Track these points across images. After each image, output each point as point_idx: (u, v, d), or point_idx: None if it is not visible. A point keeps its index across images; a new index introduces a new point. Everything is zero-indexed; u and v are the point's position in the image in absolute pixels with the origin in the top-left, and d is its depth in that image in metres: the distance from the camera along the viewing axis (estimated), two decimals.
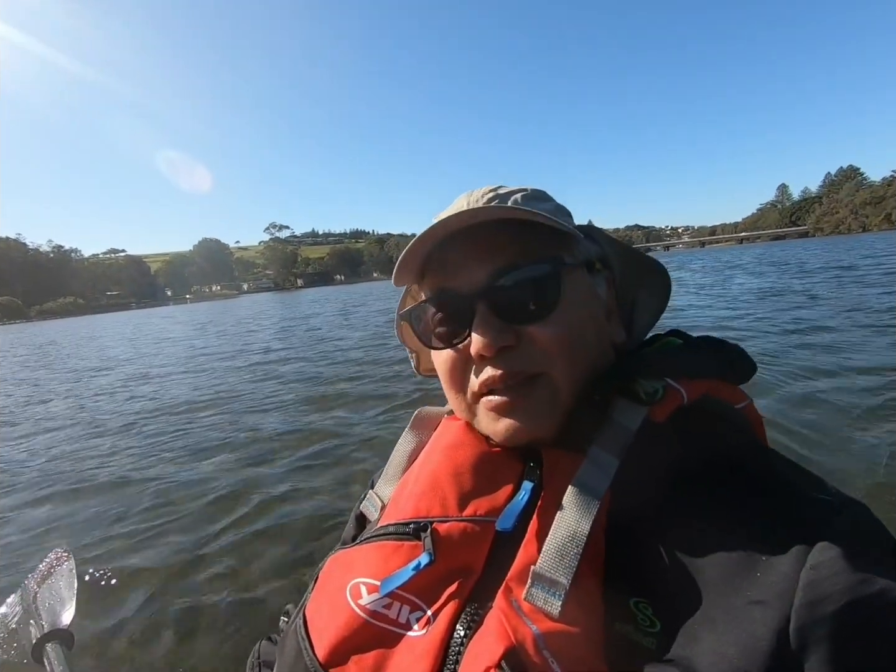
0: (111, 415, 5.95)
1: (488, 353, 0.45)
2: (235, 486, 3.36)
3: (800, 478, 0.42)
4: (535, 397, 0.46)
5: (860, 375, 4.19)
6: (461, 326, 0.49)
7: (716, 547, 0.38)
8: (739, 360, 0.51)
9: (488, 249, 0.48)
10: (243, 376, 7.55)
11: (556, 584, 0.38)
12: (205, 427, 4.90)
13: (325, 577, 0.51)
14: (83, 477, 3.82)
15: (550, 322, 0.46)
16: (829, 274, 14.61)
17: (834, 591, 0.32)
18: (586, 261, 0.52)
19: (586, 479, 0.42)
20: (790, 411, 3.55)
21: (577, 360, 0.47)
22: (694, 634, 0.35)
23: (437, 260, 0.50)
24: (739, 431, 0.49)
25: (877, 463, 2.65)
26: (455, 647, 0.39)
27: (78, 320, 71.30)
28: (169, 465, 3.90)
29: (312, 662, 0.43)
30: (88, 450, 4.58)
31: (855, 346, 5.24)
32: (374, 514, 0.58)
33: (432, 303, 0.51)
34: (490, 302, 0.47)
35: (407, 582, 0.43)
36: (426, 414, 0.64)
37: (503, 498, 0.46)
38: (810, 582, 0.33)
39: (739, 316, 8.39)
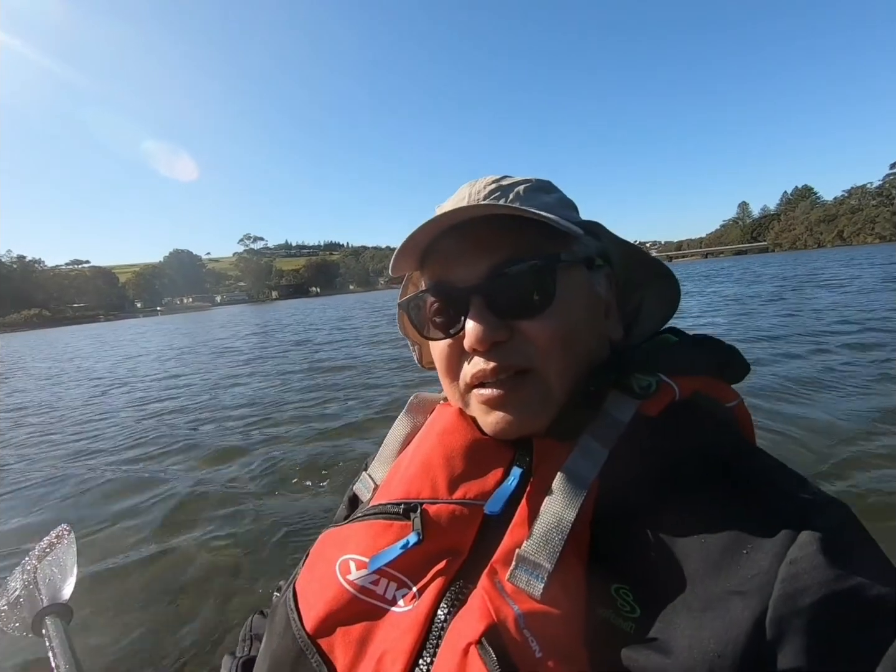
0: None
1: (481, 346, 0.46)
2: (229, 474, 3.53)
3: (784, 476, 0.43)
4: (526, 392, 0.47)
5: (851, 380, 4.32)
6: (457, 319, 0.50)
7: (698, 538, 0.38)
8: (733, 360, 0.52)
9: (486, 244, 0.48)
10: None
11: (539, 567, 0.39)
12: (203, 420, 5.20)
13: (315, 553, 0.52)
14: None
15: (544, 318, 0.47)
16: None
17: (811, 584, 0.33)
18: (586, 257, 0.52)
19: (575, 468, 0.43)
20: (779, 412, 3.66)
21: (570, 356, 0.48)
22: (672, 620, 0.36)
23: (436, 251, 0.51)
24: (728, 429, 0.50)
25: (861, 464, 2.75)
26: (439, 623, 0.41)
27: (43, 333, 68.46)
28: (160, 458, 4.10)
29: (300, 633, 0.44)
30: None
31: (846, 354, 5.37)
32: (367, 495, 0.59)
33: (430, 293, 0.52)
34: (485, 296, 0.47)
35: (395, 560, 0.44)
36: (422, 399, 0.64)
37: (493, 483, 0.47)
38: (789, 575, 0.34)
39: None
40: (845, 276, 16.76)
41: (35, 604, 0.72)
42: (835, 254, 49.81)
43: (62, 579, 0.77)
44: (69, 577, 0.78)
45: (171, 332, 28.26)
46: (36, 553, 0.82)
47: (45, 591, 0.74)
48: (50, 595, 0.74)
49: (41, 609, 0.71)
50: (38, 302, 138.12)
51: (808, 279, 17.73)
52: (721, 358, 0.52)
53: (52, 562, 0.80)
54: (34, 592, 0.74)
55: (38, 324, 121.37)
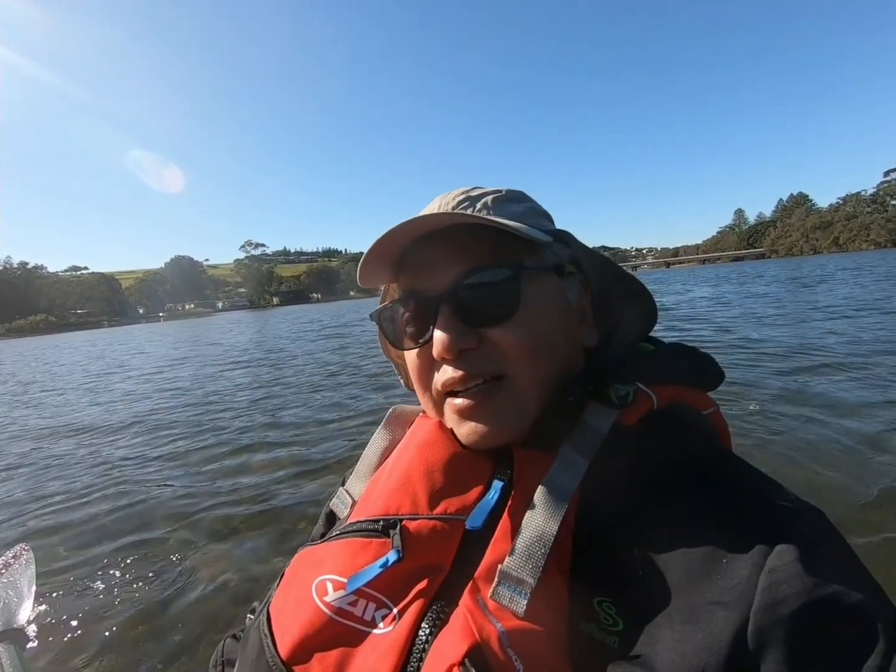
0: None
1: (448, 354, 0.46)
2: (202, 487, 3.45)
3: (761, 484, 0.43)
4: (498, 400, 0.47)
5: (832, 385, 4.33)
6: (426, 327, 0.49)
7: (679, 549, 0.38)
8: (709, 368, 0.53)
9: (454, 253, 0.48)
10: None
11: (522, 582, 0.38)
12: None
13: (291, 573, 0.50)
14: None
15: (511, 325, 0.47)
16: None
17: (790, 594, 0.33)
18: (556, 265, 0.52)
19: (556, 480, 0.43)
20: (755, 420, 3.67)
21: (540, 363, 0.47)
22: (655, 633, 0.36)
23: (407, 261, 0.51)
24: (706, 437, 0.50)
25: (837, 471, 2.77)
26: (420, 644, 0.40)
27: (50, 338, 68.84)
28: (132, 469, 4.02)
29: (274, 660, 0.43)
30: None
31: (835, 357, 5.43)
32: (344, 512, 0.58)
33: (402, 303, 0.52)
34: (452, 304, 0.47)
35: (374, 579, 0.42)
36: (400, 412, 0.63)
37: (473, 497, 0.46)
38: (768, 585, 0.34)
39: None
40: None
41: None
42: (839, 259, 49.54)
43: (17, 603, 0.72)
44: (25, 600, 0.73)
45: (191, 335, 28.30)
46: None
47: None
48: (3, 619, 0.69)
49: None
50: (42, 308, 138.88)
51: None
52: (697, 366, 0.52)
53: (7, 584, 0.74)
54: None
55: (45, 329, 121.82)
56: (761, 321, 9.29)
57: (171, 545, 2.71)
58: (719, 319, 10.26)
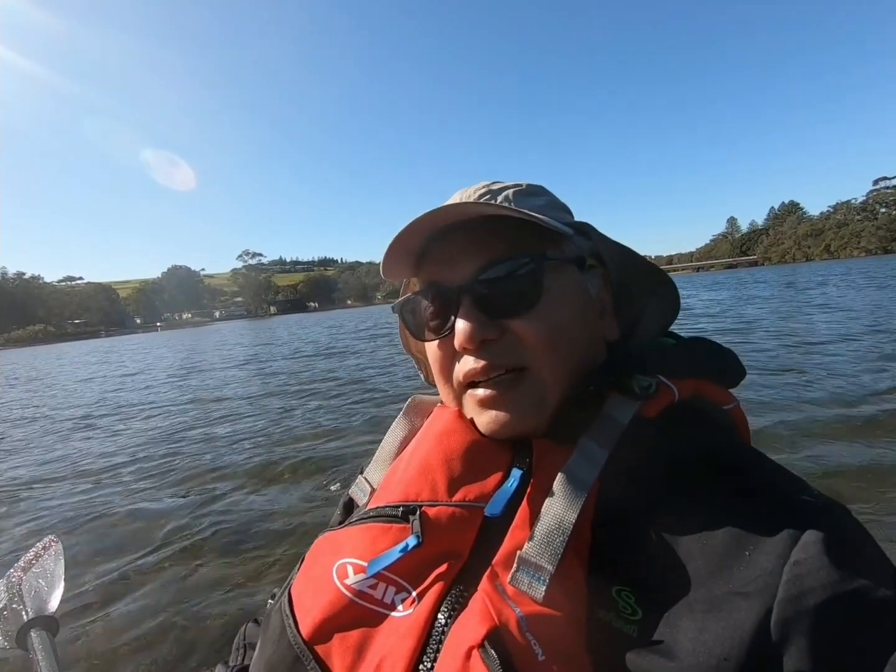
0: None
1: (470, 345, 0.47)
2: (224, 479, 3.54)
3: (784, 478, 0.43)
4: (520, 392, 0.47)
5: (850, 387, 4.31)
6: (448, 319, 0.50)
7: (699, 539, 0.39)
8: (730, 363, 0.53)
9: (476, 245, 0.49)
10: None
11: (541, 569, 0.39)
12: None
13: (311, 557, 0.51)
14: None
15: (532, 316, 0.47)
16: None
17: (816, 586, 0.33)
18: (577, 257, 0.52)
19: (575, 469, 0.43)
20: (775, 415, 3.67)
21: (562, 354, 0.48)
22: (675, 623, 0.36)
23: (429, 254, 0.52)
24: (727, 431, 0.51)
25: (859, 469, 2.74)
26: (439, 627, 0.40)
27: (51, 348, 68.60)
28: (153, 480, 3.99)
29: (296, 639, 0.44)
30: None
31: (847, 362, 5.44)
32: (363, 499, 0.59)
33: (423, 295, 0.53)
34: (474, 296, 0.48)
35: (394, 563, 0.43)
36: (419, 402, 0.64)
37: (492, 484, 0.46)
38: (793, 576, 0.34)
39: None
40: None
41: (20, 616, 0.70)
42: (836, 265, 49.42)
43: (48, 591, 0.75)
44: (56, 589, 0.76)
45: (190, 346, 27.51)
46: (21, 564, 0.78)
47: (31, 604, 0.72)
48: (36, 607, 0.72)
49: (26, 622, 0.69)
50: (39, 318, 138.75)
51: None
52: (718, 361, 0.53)
53: (39, 573, 0.77)
54: (19, 605, 0.72)
55: (43, 339, 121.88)
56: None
57: (206, 542, 2.76)
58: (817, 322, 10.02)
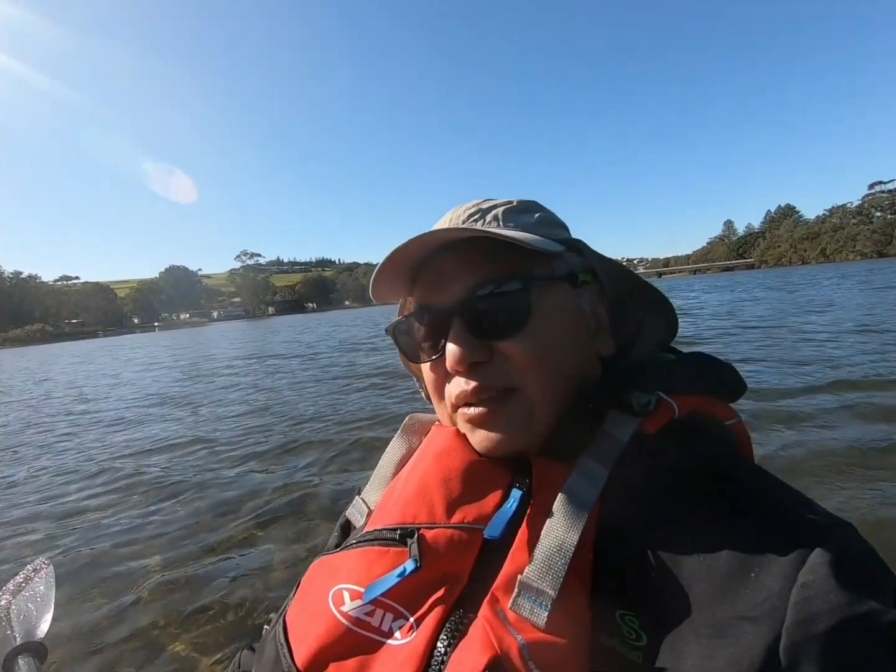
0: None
1: (460, 367, 0.47)
2: (222, 501, 3.38)
3: (789, 496, 0.42)
4: (509, 410, 0.47)
5: (855, 398, 4.17)
6: (440, 341, 0.50)
7: (704, 561, 0.37)
8: (730, 378, 0.52)
9: (465, 266, 0.49)
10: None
11: (542, 594, 0.38)
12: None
13: (307, 582, 0.50)
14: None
15: (521, 337, 0.47)
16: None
17: (825, 609, 0.32)
18: (568, 274, 0.51)
19: (575, 489, 0.42)
20: (778, 431, 3.58)
21: (552, 373, 0.48)
22: (681, 648, 0.35)
23: (421, 276, 0.52)
24: (729, 448, 0.50)
25: (861, 484, 2.67)
26: (438, 656, 0.39)
27: (47, 348, 68.31)
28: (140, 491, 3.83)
29: (291, 669, 0.42)
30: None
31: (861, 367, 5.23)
32: (360, 521, 0.57)
33: (416, 317, 0.52)
34: (464, 317, 0.48)
35: (391, 589, 0.42)
36: (417, 420, 0.63)
37: (492, 505, 0.45)
38: (801, 599, 0.33)
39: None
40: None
41: (7, 642, 0.67)
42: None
43: (38, 616, 0.72)
44: (45, 613, 0.73)
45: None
46: (10, 588, 0.76)
47: (19, 629, 0.69)
48: (24, 633, 0.69)
49: (14, 648, 0.66)
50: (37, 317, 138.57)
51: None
52: (718, 376, 0.52)
53: (28, 598, 0.75)
54: (7, 630, 0.69)
55: (41, 339, 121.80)
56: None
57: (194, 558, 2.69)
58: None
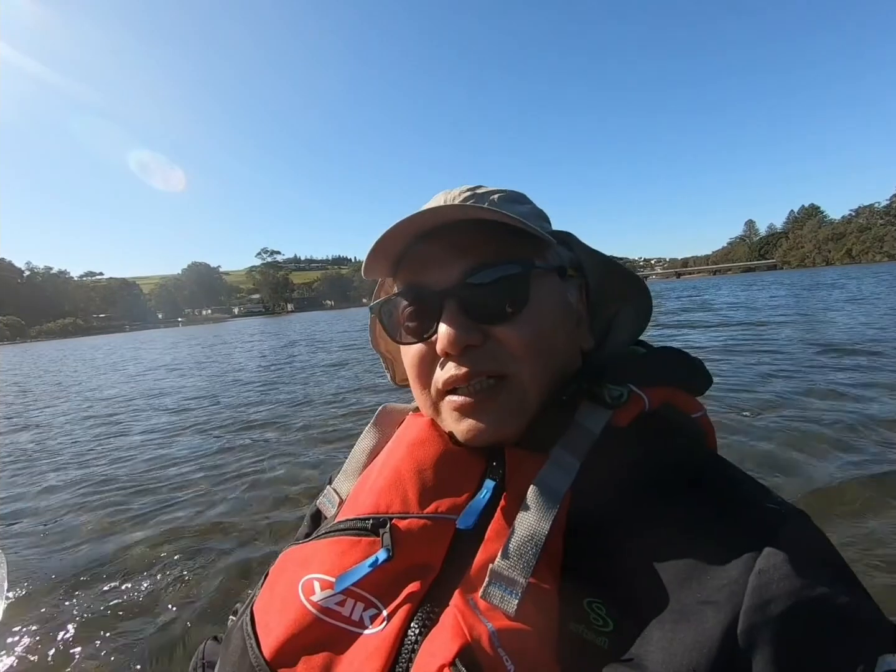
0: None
1: (453, 350, 0.46)
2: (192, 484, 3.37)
3: (749, 487, 0.43)
4: (500, 400, 0.47)
5: (812, 395, 4.31)
6: (430, 322, 0.49)
7: (670, 550, 0.39)
8: (698, 372, 0.54)
9: (461, 248, 0.48)
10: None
11: (513, 582, 0.38)
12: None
13: (276, 572, 0.49)
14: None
15: (518, 323, 0.47)
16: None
17: (780, 594, 0.34)
18: (559, 266, 0.52)
19: (548, 480, 0.43)
20: (738, 420, 3.75)
21: (543, 363, 0.48)
22: (646, 634, 0.36)
23: (410, 255, 0.51)
24: (696, 440, 0.52)
25: (813, 474, 2.74)
26: (409, 645, 0.39)
27: (80, 341, 70.59)
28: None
29: (258, 660, 0.42)
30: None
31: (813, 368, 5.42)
32: (332, 511, 0.57)
33: (404, 297, 0.51)
34: (459, 300, 0.47)
35: (363, 578, 0.42)
36: (390, 410, 0.63)
37: (465, 496, 0.46)
38: (758, 585, 0.35)
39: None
40: None
41: None
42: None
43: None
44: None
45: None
46: None
47: None
48: None
49: None
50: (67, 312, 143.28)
51: None
52: (687, 369, 0.53)
53: None
54: None
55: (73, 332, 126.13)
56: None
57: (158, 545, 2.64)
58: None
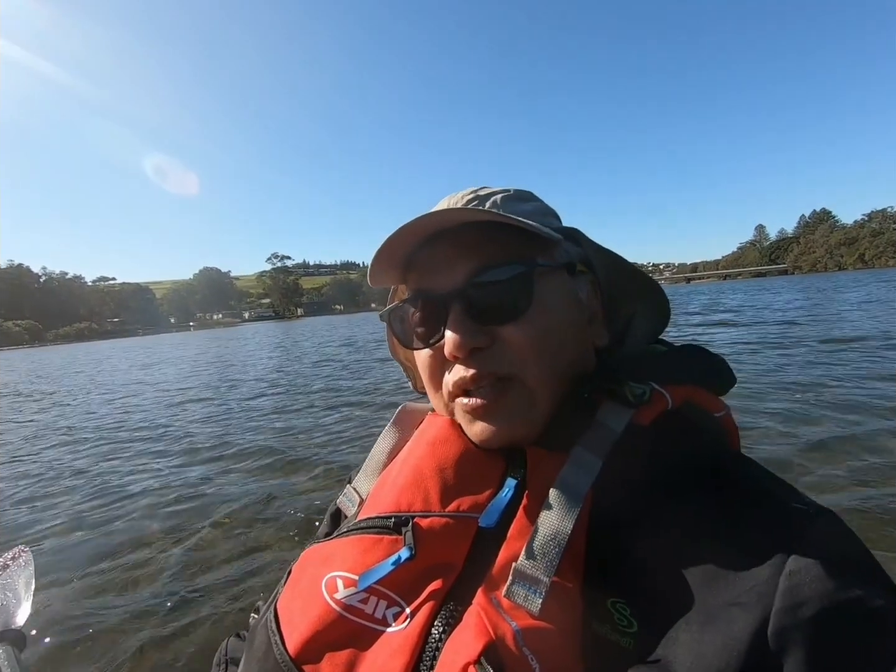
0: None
1: (460, 353, 0.46)
2: (212, 490, 3.40)
3: (776, 486, 0.43)
4: (509, 400, 0.47)
5: (837, 391, 4.32)
6: (437, 326, 0.49)
7: (694, 550, 0.38)
8: (721, 370, 0.53)
9: (465, 250, 0.48)
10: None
11: (537, 581, 0.38)
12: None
13: (298, 570, 0.50)
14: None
15: (523, 323, 0.47)
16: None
17: (812, 596, 0.33)
18: (567, 263, 0.51)
19: (570, 479, 0.42)
20: (763, 422, 3.70)
21: (552, 362, 0.47)
22: (672, 635, 0.35)
23: (417, 261, 0.51)
24: (720, 439, 0.51)
25: (835, 472, 2.73)
26: (433, 643, 0.39)
27: (99, 344, 71.02)
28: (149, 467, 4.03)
29: (283, 657, 0.42)
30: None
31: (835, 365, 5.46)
32: (352, 510, 0.58)
33: (411, 303, 0.52)
34: (464, 302, 0.47)
35: (385, 576, 0.42)
36: (410, 410, 0.63)
37: (486, 494, 0.46)
38: (789, 587, 0.34)
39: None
40: None
41: None
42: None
43: (16, 604, 0.71)
44: (23, 601, 0.72)
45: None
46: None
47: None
48: (2, 621, 0.68)
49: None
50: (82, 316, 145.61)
51: None
52: (710, 368, 0.52)
53: (6, 585, 0.74)
54: None
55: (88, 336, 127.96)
56: None
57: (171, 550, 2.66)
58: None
